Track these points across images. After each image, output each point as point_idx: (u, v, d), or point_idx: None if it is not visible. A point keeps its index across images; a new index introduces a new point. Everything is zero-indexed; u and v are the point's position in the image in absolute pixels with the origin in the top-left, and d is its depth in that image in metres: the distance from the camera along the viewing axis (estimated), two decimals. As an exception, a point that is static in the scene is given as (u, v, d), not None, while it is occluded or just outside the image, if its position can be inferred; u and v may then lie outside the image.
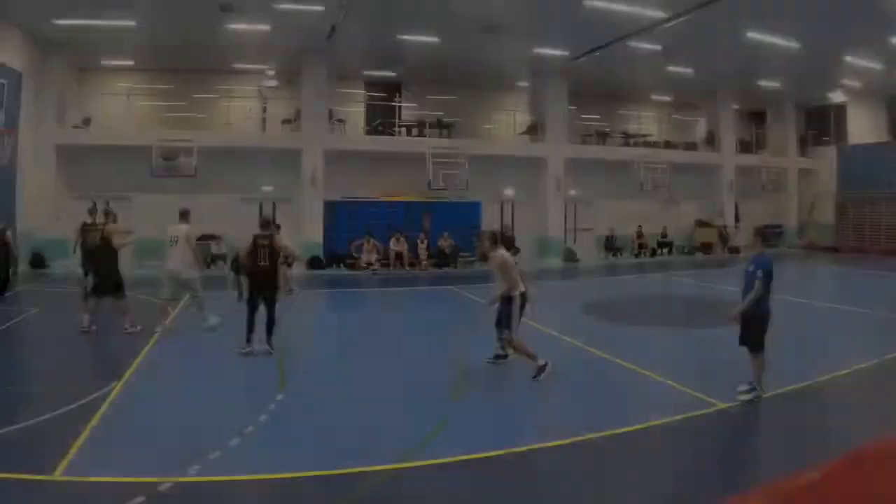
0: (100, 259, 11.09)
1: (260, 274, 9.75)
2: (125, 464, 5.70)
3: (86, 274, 11.61)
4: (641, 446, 6.36)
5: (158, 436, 6.64)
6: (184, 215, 11.20)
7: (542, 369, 8.12)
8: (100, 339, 10.97)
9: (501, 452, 6.01)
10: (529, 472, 5.80)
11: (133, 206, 21.17)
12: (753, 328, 7.32)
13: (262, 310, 9.75)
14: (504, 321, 8.42)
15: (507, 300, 8.36)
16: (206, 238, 21.81)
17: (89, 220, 11.90)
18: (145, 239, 15.16)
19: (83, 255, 11.78)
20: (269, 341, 9.64)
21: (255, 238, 9.80)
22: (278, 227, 11.77)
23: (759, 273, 7.28)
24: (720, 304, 14.68)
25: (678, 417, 6.91)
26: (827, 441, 6.42)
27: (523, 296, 8.50)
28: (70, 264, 20.62)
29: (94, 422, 6.67)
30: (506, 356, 8.92)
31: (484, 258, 9.65)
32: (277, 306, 9.91)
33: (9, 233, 12.68)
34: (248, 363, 8.89)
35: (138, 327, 10.99)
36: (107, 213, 11.78)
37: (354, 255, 21.36)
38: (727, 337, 7.96)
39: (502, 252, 8.34)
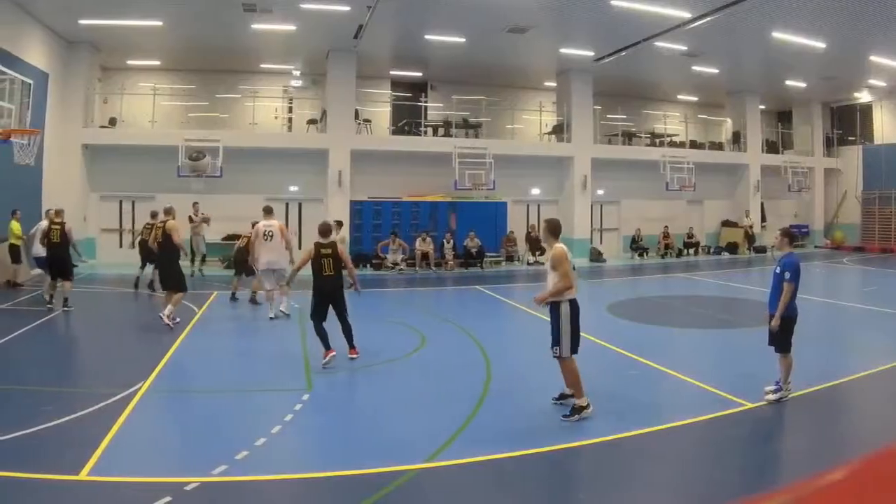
0: (161, 255, 11.66)
1: (328, 285, 9.10)
2: (152, 464, 5.70)
3: (142, 267, 12.85)
4: (668, 446, 6.32)
5: (185, 435, 6.64)
6: (269, 211, 11.89)
7: (579, 410, 6.78)
8: (131, 337, 11.07)
9: (526, 453, 5.96)
10: (555, 473, 5.74)
11: (157, 206, 21.28)
12: (781, 328, 7.31)
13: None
14: (553, 334, 6.99)
15: (555, 307, 6.96)
16: (231, 238, 21.88)
17: (152, 221, 12.37)
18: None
19: (141, 251, 12.45)
20: (352, 347, 9.24)
21: (318, 247, 9.14)
22: (340, 223, 11.85)
23: (788, 274, 7.24)
24: (747, 304, 14.84)
25: (705, 417, 6.91)
26: (853, 441, 6.38)
27: (575, 303, 7.00)
28: (96, 264, 20.80)
29: (121, 421, 6.64)
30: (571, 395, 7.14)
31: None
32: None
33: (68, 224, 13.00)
34: (274, 363, 8.73)
35: (177, 320, 11.35)
36: (167, 211, 12.06)
37: (381, 255, 21.29)
38: (754, 337, 7.97)
39: (560, 245, 7.07)
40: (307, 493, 5.40)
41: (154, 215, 12.71)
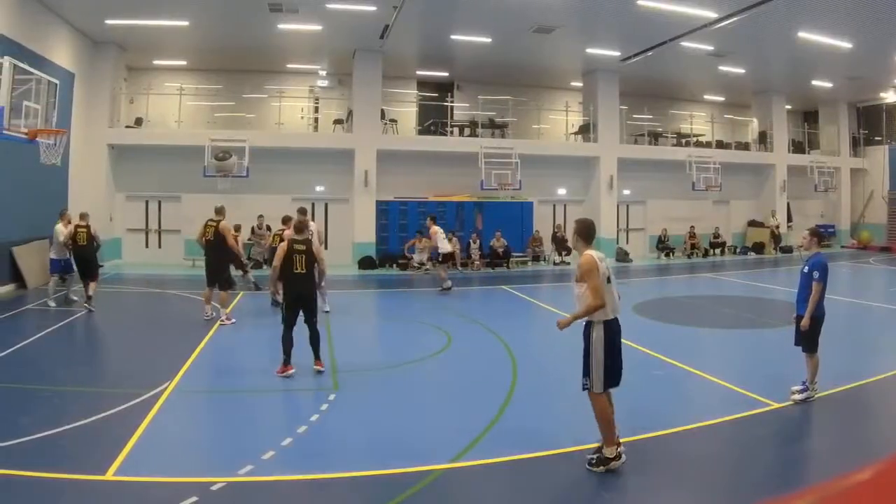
0: (211, 253, 12.01)
1: (299, 283, 8.48)
2: (178, 463, 5.70)
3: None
4: (694, 446, 6.28)
5: (211, 435, 6.64)
6: (304, 212, 11.94)
7: (605, 462, 5.54)
8: (157, 337, 11.08)
9: (552, 453, 5.95)
10: (581, 473, 5.66)
11: (183, 206, 21.34)
12: (808, 328, 7.29)
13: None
14: (584, 361, 5.75)
15: (587, 328, 5.70)
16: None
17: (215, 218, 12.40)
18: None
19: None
20: (317, 358, 8.58)
21: (292, 243, 8.62)
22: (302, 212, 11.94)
23: (816, 274, 7.23)
24: (773, 304, 14.82)
25: (731, 417, 6.90)
26: (879, 441, 6.35)
27: (614, 324, 5.68)
28: (122, 264, 20.84)
29: (147, 421, 6.63)
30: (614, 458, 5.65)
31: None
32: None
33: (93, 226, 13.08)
34: (300, 363, 8.65)
35: (224, 317, 11.55)
36: (218, 211, 12.24)
37: (407, 255, 21.22)
38: (781, 337, 8.06)
39: (591, 253, 5.66)
40: (333, 493, 5.38)
41: (220, 211, 12.79)
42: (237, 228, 17.84)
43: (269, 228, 19.95)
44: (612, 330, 5.62)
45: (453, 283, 16.83)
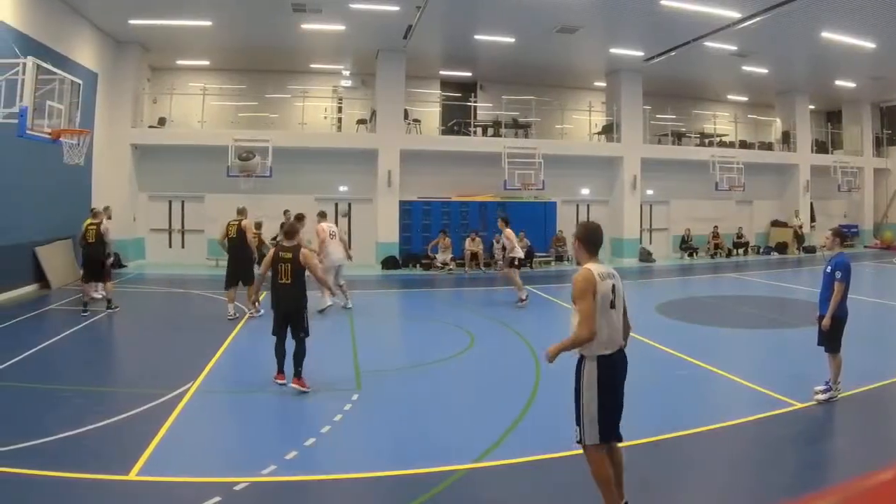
0: (234, 251, 12.22)
1: (282, 295, 7.79)
2: (201, 463, 5.71)
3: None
4: (717, 446, 6.29)
5: (234, 435, 6.64)
6: (324, 216, 12.43)
7: None
8: (180, 337, 11.12)
9: (576, 453, 5.80)
10: None
11: (206, 206, 21.36)
12: (831, 328, 7.28)
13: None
14: (575, 406, 4.58)
15: (578, 364, 4.58)
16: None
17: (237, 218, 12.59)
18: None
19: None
20: (298, 376, 7.64)
21: (278, 250, 7.88)
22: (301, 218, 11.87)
23: (839, 274, 7.23)
24: (796, 304, 14.80)
25: (754, 417, 6.89)
26: None
27: (613, 360, 4.51)
28: (145, 264, 20.88)
29: (170, 421, 6.63)
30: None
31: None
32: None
33: (104, 225, 12.74)
34: (323, 363, 8.63)
35: (262, 311, 11.43)
36: (240, 211, 12.49)
37: (431, 254, 21.17)
38: (804, 337, 8.11)
39: (590, 267, 4.52)
40: (357, 493, 5.39)
41: (241, 212, 12.91)
42: (258, 226, 17.86)
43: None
44: (608, 367, 4.46)
45: (475, 282, 16.78)
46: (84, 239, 12.65)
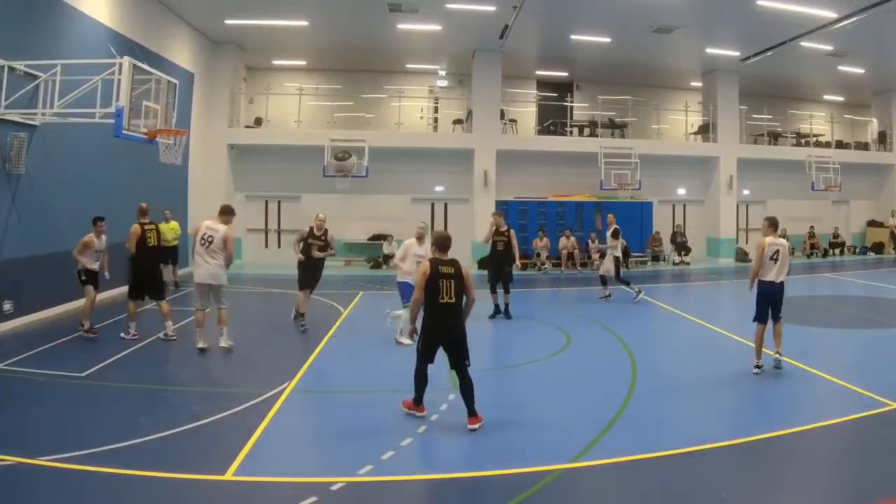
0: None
1: (442, 315, 6.59)
2: (297, 464, 5.74)
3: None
4: (814, 446, 6.23)
5: (331, 436, 6.64)
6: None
7: None
8: (277, 338, 11.14)
9: (671, 453, 5.91)
10: (698, 473, 5.63)
11: (303, 206, 21.53)
12: None
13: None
14: None
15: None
16: (377, 238, 21.98)
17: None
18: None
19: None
20: (474, 414, 6.52)
21: (436, 264, 6.62)
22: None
23: None
24: (893, 304, 14.68)
25: (851, 417, 6.80)
26: None
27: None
28: (242, 265, 21.05)
29: (267, 421, 6.65)
30: None
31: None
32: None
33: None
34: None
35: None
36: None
37: (532, 252, 21.18)
38: None
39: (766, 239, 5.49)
40: (453, 493, 5.39)
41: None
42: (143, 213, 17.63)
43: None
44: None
45: (571, 282, 16.60)
46: (143, 243, 10.44)
